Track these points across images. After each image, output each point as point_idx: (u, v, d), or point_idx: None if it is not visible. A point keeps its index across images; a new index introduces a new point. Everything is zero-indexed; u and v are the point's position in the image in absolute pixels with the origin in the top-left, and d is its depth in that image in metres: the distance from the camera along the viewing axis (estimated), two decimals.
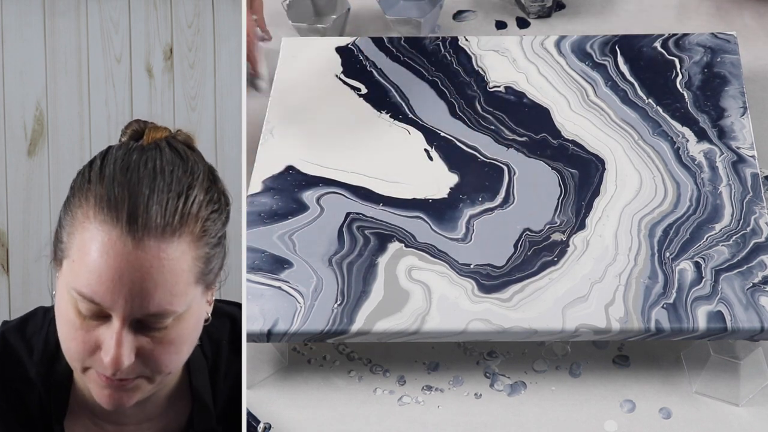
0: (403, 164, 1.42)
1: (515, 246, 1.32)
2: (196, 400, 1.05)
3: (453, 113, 1.48)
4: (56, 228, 0.99)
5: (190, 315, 0.96)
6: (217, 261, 0.99)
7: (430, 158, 1.43)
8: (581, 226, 1.34)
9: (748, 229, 1.32)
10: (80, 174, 0.98)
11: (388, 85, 1.53)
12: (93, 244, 0.93)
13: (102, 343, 0.94)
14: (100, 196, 0.94)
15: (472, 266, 1.30)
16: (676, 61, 1.53)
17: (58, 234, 0.97)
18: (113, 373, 0.94)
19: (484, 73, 1.54)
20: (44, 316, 1.06)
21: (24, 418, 1.04)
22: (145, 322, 0.94)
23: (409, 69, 1.55)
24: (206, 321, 1.01)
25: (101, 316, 0.93)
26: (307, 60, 1.57)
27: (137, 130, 1.01)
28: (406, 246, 1.32)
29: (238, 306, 1.11)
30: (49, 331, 1.04)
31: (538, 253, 1.31)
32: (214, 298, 1.02)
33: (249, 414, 1.30)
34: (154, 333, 0.94)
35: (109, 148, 1.00)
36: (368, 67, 1.55)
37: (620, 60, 1.53)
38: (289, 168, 1.43)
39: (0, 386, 1.03)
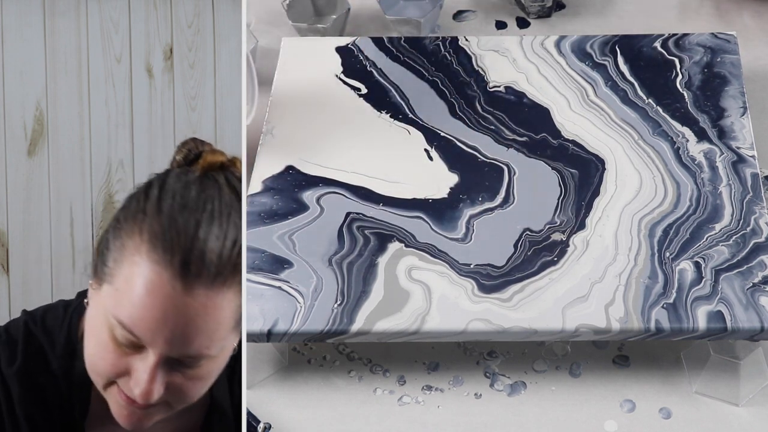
0: (403, 164, 1.42)
1: (515, 246, 1.32)
2: (215, 408, 1.05)
3: (453, 113, 1.48)
4: (99, 245, 0.97)
5: (223, 355, 0.97)
6: None
7: (430, 158, 1.43)
8: (581, 226, 1.34)
9: (748, 229, 1.32)
10: (134, 199, 0.97)
11: (388, 85, 1.53)
12: (141, 280, 0.92)
13: (132, 371, 0.94)
14: (154, 233, 0.93)
15: (472, 266, 1.30)
16: (676, 61, 1.53)
17: (103, 255, 0.96)
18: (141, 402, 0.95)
19: (484, 73, 1.54)
20: (65, 311, 1.06)
21: (44, 410, 1.04)
22: (179, 360, 0.94)
23: (409, 69, 1.55)
24: (234, 351, 1.01)
25: (137, 345, 0.94)
26: (307, 60, 1.57)
27: (192, 151, 1.00)
28: (406, 246, 1.33)
29: None
30: (71, 326, 1.04)
31: (538, 253, 1.31)
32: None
33: (249, 414, 1.30)
34: (186, 370, 0.95)
35: (167, 173, 0.98)
36: (368, 67, 1.56)
37: (620, 60, 1.54)
38: (289, 168, 1.43)
39: (24, 377, 1.03)
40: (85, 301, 1.00)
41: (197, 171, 0.98)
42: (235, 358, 1.07)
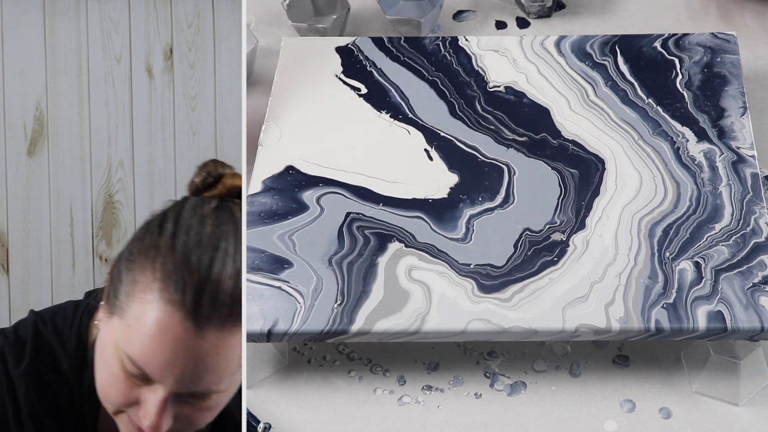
0: (403, 164, 1.42)
1: (515, 246, 1.32)
2: (229, 419, 1.05)
3: (453, 113, 1.48)
4: (112, 272, 0.96)
5: (233, 386, 0.96)
6: None
7: (430, 158, 1.43)
8: (581, 226, 1.34)
9: (748, 229, 1.32)
10: (147, 231, 0.95)
11: (388, 85, 1.53)
12: (152, 319, 0.91)
13: (142, 402, 0.94)
14: (167, 272, 0.91)
15: (472, 266, 1.30)
16: (676, 61, 1.53)
17: (116, 286, 0.95)
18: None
19: (484, 73, 1.54)
20: (74, 311, 1.05)
21: (54, 410, 1.03)
22: (189, 394, 0.94)
23: (409, 69, 1.55)
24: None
25: (147, 378, 0.93)
26: (307, 60, 1.57)
27: (211, 174, 0.98)
28: (406, 246, 1.32)
29: None
30: (81, 327, 1.04)
31: (538, 253, 1.31)
32: None
33: (249, 414, 1.30)
34: (197, 402, 0.95)
35: (183, 203, 0.96)
36: (368, 67, 1.55)
37: (620, 60, 1.54)
38: (289, 168, 1.43)
39: (32, 377, 1.03)
40: (96, 322, 0.99)
41: (214, 199, 0.96)
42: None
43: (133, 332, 0.92)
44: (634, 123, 1.45)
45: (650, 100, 1.48)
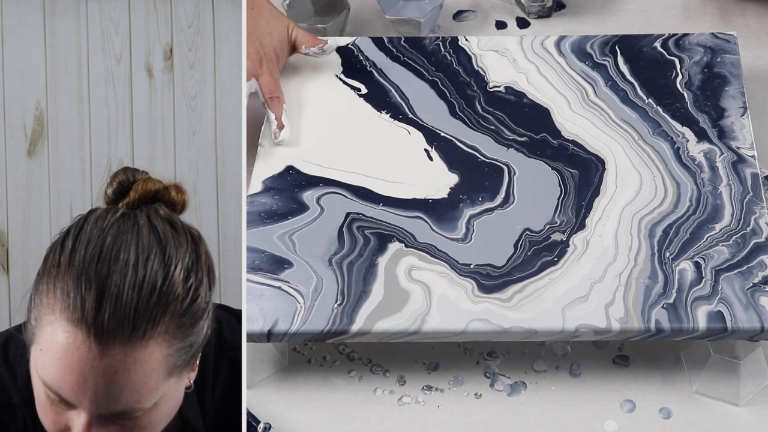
0: (403, 164, 1.42)
1: (515, 246, 1.32)
2: (185, 427, 1.03)
3: (453, 113, 1.48)
4: (30, 296, 0.93)
5: (164, 402, 0.93)
6: (199, 340, 0.93)
7: (430, 158, 1.43)
8: (581, 226, 1.34)
9: (748, 229, 1.32)
10: (52, 250, 0.92)
11: (388, 85, 1.53)
12: (57, 341, 0.88)
13: (71, 427, 0.91)
14: (66, 291, 0.88)
15: (472, 266, 1.30)
16: (676, 61, 1.53)
17: (30, 310, 0.92)
18: None
19: (484, 73, 1.53)
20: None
21: None
22: (112, 415, 0.91)
23: (409, 69, 1.55)
24: (188, 388, 0.97)
25: (69, 403, 0.90)
26: (307, 60, 1.57)
27: (124, 183, 0.95)
28: (406, 246, 1.32)
29: (222, 308, 1.10)
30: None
31: (538, 253, 1.31)
32: (198, 361, 0.97)
33: (249, 414, 1.30)
34: (124, 422, 0.91)
35: (88, 216, 0.93)
36: (368, 67, 1.55)
37: (620, 60, 1.53)
38: (289, 168, 1.43)
39: None
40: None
41: (123, 207, 0.92)
42: (203, 368, 1.04)
43: (44, 357, 0.89)
44: (634, 123, 1.45)
45: (650, 100, 1.48)
